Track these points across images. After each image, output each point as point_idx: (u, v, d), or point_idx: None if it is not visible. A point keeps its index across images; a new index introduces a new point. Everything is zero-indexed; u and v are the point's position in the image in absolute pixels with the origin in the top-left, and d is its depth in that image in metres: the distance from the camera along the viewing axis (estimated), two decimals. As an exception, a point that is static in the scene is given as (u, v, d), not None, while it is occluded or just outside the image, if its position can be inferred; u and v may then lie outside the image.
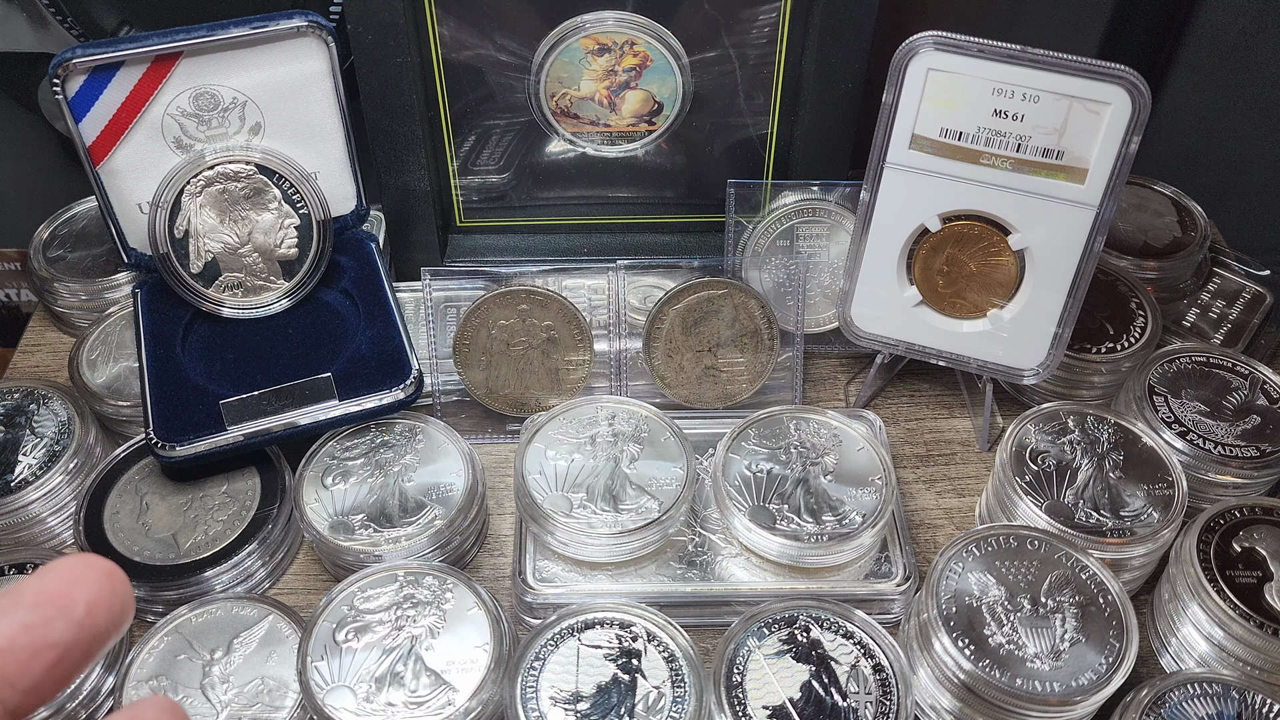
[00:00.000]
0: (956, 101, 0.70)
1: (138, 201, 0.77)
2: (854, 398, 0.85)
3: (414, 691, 0.61)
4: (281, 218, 0.78)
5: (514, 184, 0.90)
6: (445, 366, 0.79)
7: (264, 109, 0.76)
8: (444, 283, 0.78)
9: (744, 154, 0.88)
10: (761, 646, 0.63)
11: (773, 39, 0.81)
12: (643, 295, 0.84)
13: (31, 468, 0.74)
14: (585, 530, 0.68)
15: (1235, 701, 0.60)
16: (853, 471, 0.71)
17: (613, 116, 0.85)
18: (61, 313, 0.89)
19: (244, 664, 0.64)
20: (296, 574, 0.74)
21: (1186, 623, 0.67)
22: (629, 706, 0.60)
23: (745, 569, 0.70)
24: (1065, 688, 0.59)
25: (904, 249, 0.76)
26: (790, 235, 0.83)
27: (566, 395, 0.79)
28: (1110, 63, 0.66)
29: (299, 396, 0.74)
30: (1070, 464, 0.72)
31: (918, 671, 0.64)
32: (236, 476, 0.74)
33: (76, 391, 0.79)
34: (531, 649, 0.63)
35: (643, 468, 0.72)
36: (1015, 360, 0.78)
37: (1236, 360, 0.80)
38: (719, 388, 0.81)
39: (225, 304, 0.79)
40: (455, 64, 0.82)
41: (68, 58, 0.70)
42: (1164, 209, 0.95)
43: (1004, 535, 0.66)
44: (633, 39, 0.80)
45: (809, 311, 0.84)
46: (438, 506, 0.71)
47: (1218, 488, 0.74)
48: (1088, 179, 0.70)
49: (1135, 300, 0.85)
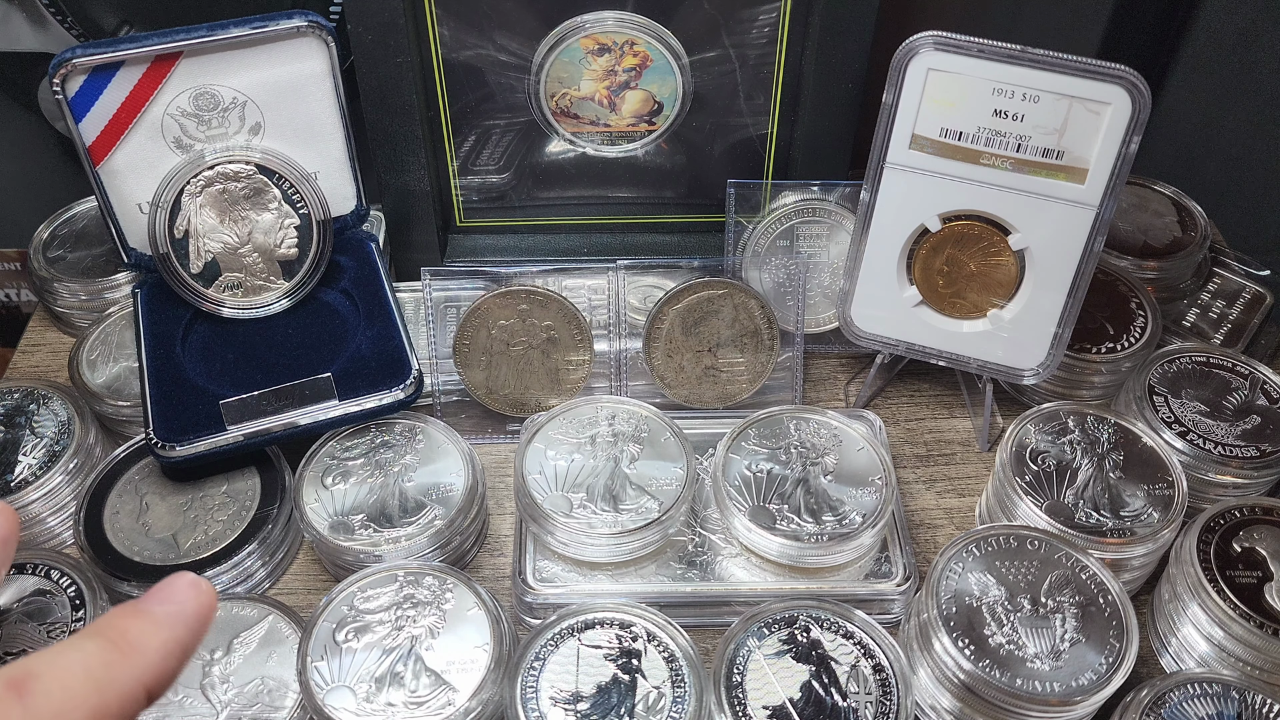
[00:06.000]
0: (956, 101, 0.70)
1: (138, 201, 0.77)
2: (854, 398, 0.85)
3: (414, 691, 0.61)
4: (281, 218, 0.78)
5: (514, 184, 0.90)
6: (445, 366, 0.79)
7: (264, 109, 0.76)
8: (444, 283, 0.78)
9: (744, 154, 0.88)
10: (761, 646, 0.63)
11: (773, 39, 0.81)
12: (643, 295, 0.84)
13: (31, 468, 0.74)
14: (585, 530, 0.68)
15: (1235, 701, 0.60)
16: (853, 471, 0.72)
17: (613, 116, 0.85)
18: (61, 313, 0.89)
19: (244, 664, 0.64)
20: (296, 574, 0.74)
21: (1186, 623, 0.67)
22: (629, 706, 0.60)
23: (745, 569, 0.70)
24: (1065, 688, 0.59)
25: (904, 249, 0.76)
26: (790, 235, 0.83)
27: (566, 395, 0.79)
28: (1110, 63, 0.66)
29: (299, 396, 0.74)
30: (1070, 464, 0.72)
31: (918, 671, 0.64)
32: (236, 476, 0.74)
33: (76, 391, 0.80)
34: (531, 649, 0.63)
35: (643, 468, 0.72)
36: (1015, 360, 0.78)
37: (1236, 360, 0.80)
38: (719, 388, 0.81)
39: (225, 304, 0.79)
40: (455, 64, 0.82)
41: (68, 58, 0.70)
42: (1164, 209, 0.95)
43: (1004, 535, 0.66)
44: (633, 39, 0.80)
45: (809, 311, 0.84)
46: (438, 506, 0.71)
47: (1218, 488, 0.74)
48: (1088, 179, 0.70)
49: (1135, 300, 0.85)
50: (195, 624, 0.34)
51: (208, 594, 0.35)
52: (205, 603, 0.35)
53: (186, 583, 0.35)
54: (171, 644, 0.33)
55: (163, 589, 0.35)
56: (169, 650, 0.33)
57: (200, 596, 0.35)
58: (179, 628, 0.34)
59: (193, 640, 0.34)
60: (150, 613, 0.34)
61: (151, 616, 0.34)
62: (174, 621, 0.34)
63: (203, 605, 0.35)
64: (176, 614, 0.34)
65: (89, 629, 0.33)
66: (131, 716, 0.32)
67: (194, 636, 0.34)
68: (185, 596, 0.35)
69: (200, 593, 0.35)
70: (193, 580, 0.35)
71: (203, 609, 0.35)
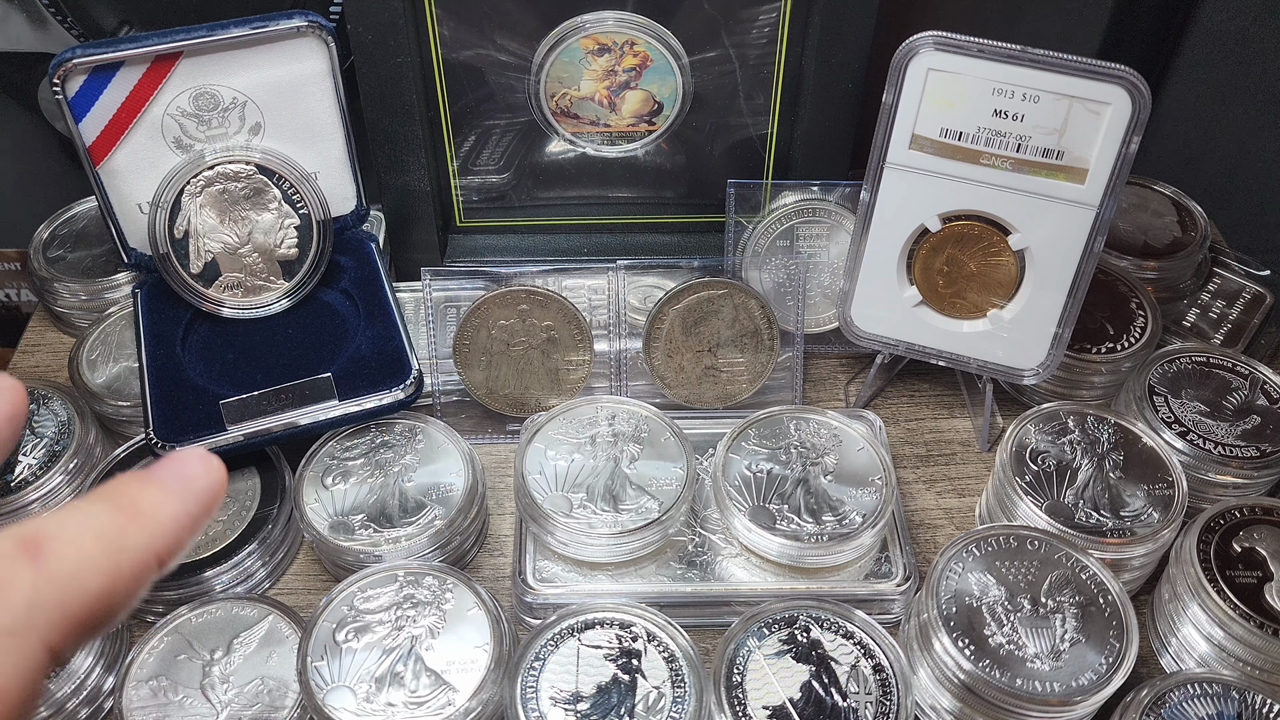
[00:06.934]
0: (956, 101, 0.70)
1: (138, 201, 0.77)
2: (854, 398, 0.85)
3: (414, 691, 0.61)
4: (281, 218, 0.78)
5: (514, 184, 0.90)
6: (445, 366, 0.79)
7: (264, 109, 0.76)
8: (444, 283, 0.78)
9: (744, 154, 0.88)
10: (761, 646, 0.63)
11: (773, 39, 0.81)
12: (643, 295, 0.84)
13: (31, 468, 0.74)
14: (585, 530, 0.68)
15: (1235, 701, 0.60)
16: (853, 471, 0.71)
17: (613, 116, 0.85)
18: (61, 313, 0.89)
19: (244, 664, 0.64)
20: (296, 574, 0.74)
21: (1186, 623, 0.67)
22: (629, 706, 0.60)
23: (745, 569, 0.70)
24: (1065, 688, 0.59)
25: (904, 249, 0.76)
26: (790, 235, 0.83)
27: (566, 395, 0.79)
28: (1110, 63, 0.66)
29: (299, 396, 0.74)
30: (1070, 464, 0.72)
31: (918, 671, 0.64)
32: (236, 476, 0.74)
33: (76, 391, 0.80)
34: (531, 649, 0.63)
35: (643, 468, 0.72)
36: (1015, 360, 0.78)
37: (1236, 360, 0.80)
38: (719, 388, 0.81)
39: (225, 304, 0.79)
40: (455, 64, 0.82)
41: (68, 58, 0.70)
42: (1164, 209, 0.95)
43: (1004, 535, 0.66)
44: (633, 39, 0.80)
45: (809, 311, 0.84)
46: (438, 506, 0.71)
47: (1218, 488, 0.74)
48: (1088, 179, 0.70)
49: (1135, 300, 0.85)
50: (206, 498, 0.34)
51: (218, 469, 0.35)
52: (216, 478, 0.34)
53: (197, 456, 0.35)
54: (183, 515, 0.33)
55: (172, 460, 0.34)
56: (180, 521, 0.33)
57: (211, 472, 0.34)
58: (189, 499, 0.33)
59: (203, 513, 0.34)
60: (162, 480, 0.33)
61: (163, 485, 0.33)
62: (184, 493, 0.33)
63: (214, 480, 0.34)
64: (187, 485, 0.34)
65: (97, 493, 0.32)
66: (143, 583, 0.31)
67: (204, 510, 0.34)
68: (196, 470, 0.34)
69: (211, 468, 0.34)
70: (203, 454, 0.35)
71: (214, 483, 0.34)
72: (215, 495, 0.34)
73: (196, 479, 0.34)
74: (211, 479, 0.34)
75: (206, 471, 0.34)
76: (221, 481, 0.35)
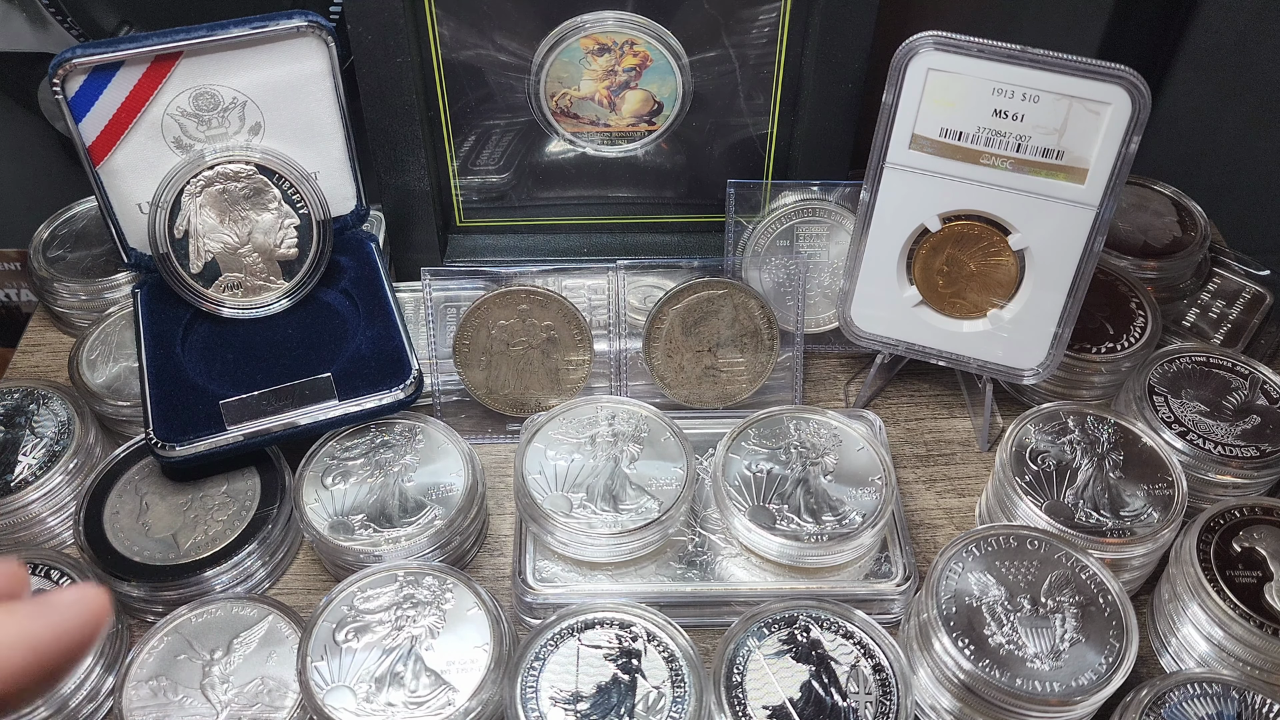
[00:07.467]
0: (956, 101, 0.70)
1: (138, 201, 0.77)
2: (854, 398, 0.85)
3: (414, 691, 0.61)
4: (281, 218, 0.78)
5: (514, 184, 0.90)
6: (445, 366, 0.79)
7: (264, 109, 0.76)
8: (444, 283, 0.78)
9: (744, 154, 0.88)
10: (761, 646, 0.63)
11: (773, 39, 0.81)
12: (643, 295, 0.84)
13: (31, 468, 0.74)
14: (585, 530, 0.68)
15: (1235, 701, 0.60)
16: (853, 471, 0.72)
17: (613, 116, 0.85)
18: (61, 313, 0.89)
19: (244, 664, 0.64)
20: (296, 574, 0.74)
21: (1186, 623, 0.67)
22: (629, 706, 0.60)
23: (745, 569, 0.70)
24: (1065, 688, 0.59)
25: (904, 249, 0.76)
26: (790, 235, 0.83)
27: (566, 395, 0.79)
28: (1110, 63, 0.66)
29: (299, 396, 0.74)
30: (1070, 464, 0.72)
31: (918, 671, 0.64)
32: (236, 476, 0.74)
33: (76, 391, 0.80)
34: (531, 649, 0.63)
35: (643, 468, 0.72)
36: (1015, 360, 0.78)
37: (1236, 360, 0.80)
38: (719, 388, 0.81)
39: (225, 304, 0.79)
40: (455, 64, 0.82)
41: (68, 58, 0.70)
42: (1164, 209, 0.95)
43: (1004, 535, 0.66)
44: (633, 39, 0.80)
45: (809, 311, 0.84)
46: (438, 506, 0.71)
47: (1218, 488, 0.74)
48: (1088, 179, 0.70)
49: (1135, 300, 0.85)
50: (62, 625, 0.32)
51: (96, 602, 0.33)
52: (91, 609, 0.33)
53: (82, 589, 0.33)
54: (21, 633, 0.31)
55: (60, 590, 0.33)
56: (13, 638, 0.31)
57: (86, 602, 0.33)
58: (38, 620, 0.31)
59: (52, 639, 0.31)
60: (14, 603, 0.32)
61: (12, 606, 0.32)
62: (39, 614, 0.32)
63: (86, 611, 0.32)
64: (47, 610, 0.32)
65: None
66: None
67: (55, 636, 0.32)
68: (71, 598, 0.32)
69: (87, 600, 0.33)
70: (94, 591, 0.33)
71: (86, 615, 0.32)
72: (81, 624, 0.32)
73: (64, 605, 0.32)
74: (84, 607, 0.32)
75: (79, 600, 0.33)
76: (96, 615, 0.33)
